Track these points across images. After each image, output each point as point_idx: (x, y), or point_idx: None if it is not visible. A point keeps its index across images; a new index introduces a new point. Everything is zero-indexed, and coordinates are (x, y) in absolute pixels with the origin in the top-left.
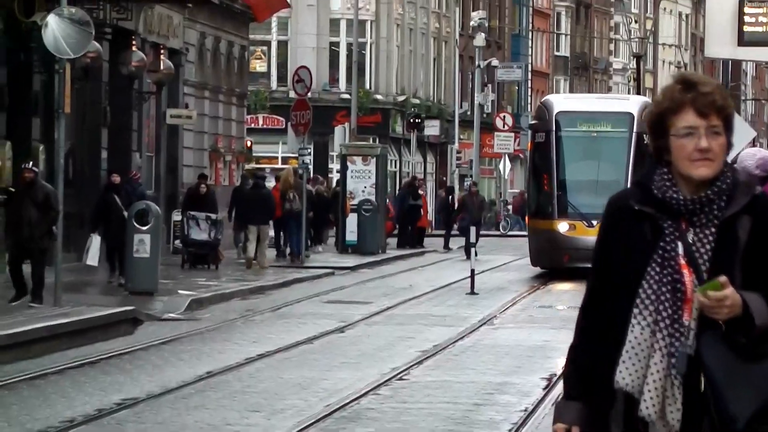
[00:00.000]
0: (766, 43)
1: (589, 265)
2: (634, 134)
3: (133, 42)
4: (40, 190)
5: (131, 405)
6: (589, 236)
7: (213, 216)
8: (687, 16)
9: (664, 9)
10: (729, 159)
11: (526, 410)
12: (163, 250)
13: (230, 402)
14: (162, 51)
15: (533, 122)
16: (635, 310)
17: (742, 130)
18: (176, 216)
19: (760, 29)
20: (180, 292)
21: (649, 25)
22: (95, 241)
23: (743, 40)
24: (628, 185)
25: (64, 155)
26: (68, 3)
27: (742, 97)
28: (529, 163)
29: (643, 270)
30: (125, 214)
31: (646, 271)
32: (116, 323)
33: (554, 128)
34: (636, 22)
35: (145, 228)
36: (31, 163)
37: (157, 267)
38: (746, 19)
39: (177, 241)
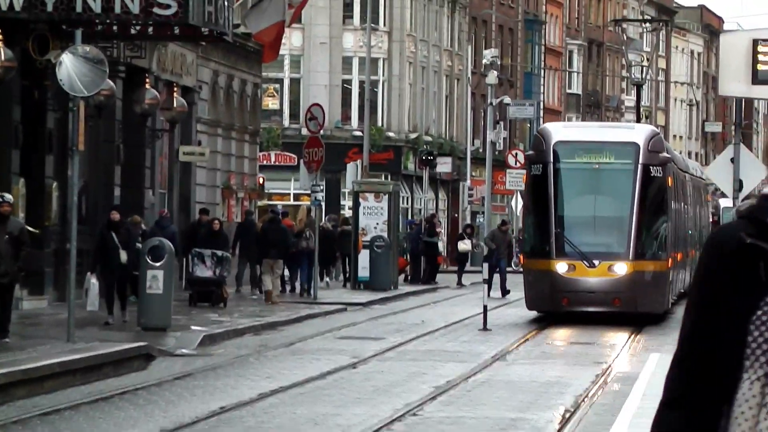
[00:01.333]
0: None
1: (590, 309)
2: (639, 166)
3: (147, 80)
4: (15, 224)
5: None
6: (590, 277)
7: (219, 253)
8: (699, 54)
9: (676, 47)
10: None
11: None
12: (176, 287)
13: None
14: (175, 89)
15: (530, 153)
16: (746, 363)
17: (755, 168)
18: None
19: None
20: (193, 327)
21: (661, 63)
22: (93, 285)
23: (757, 78)
24: (633, 222)
25: (78, 192)
26: (82, 41)
27: (754, 135)
28: (525, 198)
29: (752, 314)
30: (122, 253)
31: (757, 316)
32: (129, 359)
33: (552, 159)
34: (648, 60)
35: (158, 264)
36: (6, 195)
37: (170, 303)
38: (760, 57)
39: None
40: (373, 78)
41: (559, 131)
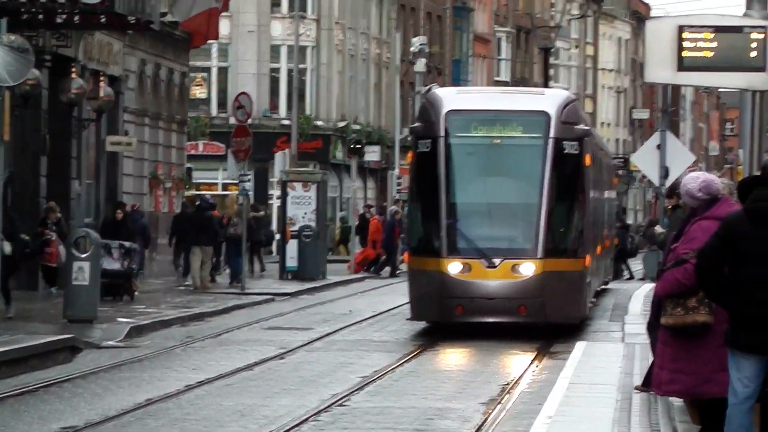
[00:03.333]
0: (705, 68)
1: (490, 320)
2: (551, 141)
3: (73, 69)
4: None
5: None
6: (489, 280)
7: (127, 244)
8: (626, 41)
9: (604, 34)
10: (669, 181)
11: None
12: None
13: (170, 430)
14: (102, 78)
15: (415, 125)
16: None
17: (682, 155)
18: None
19: (698, 54)
20: (119, 319)
21: (589, 50)
22: None
23: (683, 65)
24: (543, 211)
25: (3, 182)
26: (8, 30)
27: (681, 122)
28: (410, 182)
29: None
30: (5, 244)
31: None
32: (55, 351)
33: (443, 133)
34: (576, 47)
35: (84, 255)
36: None
37: (97, 294)
38: (685, 44)
39: None
40: (302, 66)
41: (451, 98)
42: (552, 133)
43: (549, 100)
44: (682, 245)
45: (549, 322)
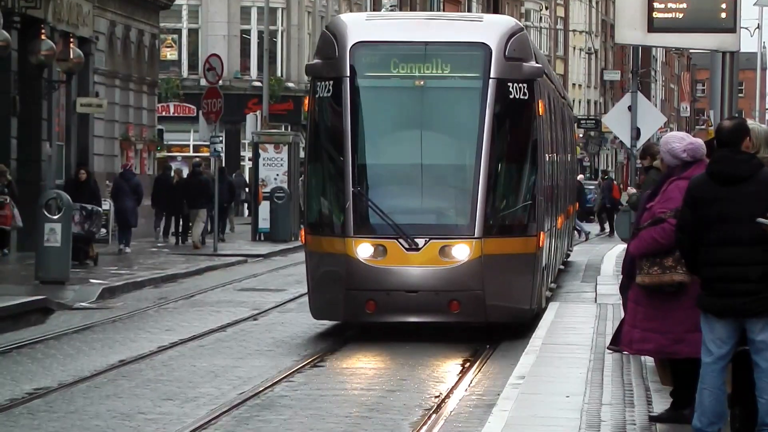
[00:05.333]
0: (675, 29)
1: (411, 319)
2: (491, 81)
3: (42, 31)
4: None
5: (43, 395)
6: (410, 266)
7: (89, 207)
8: (597, 2)
9: None
10: (640, 142)
11: (439, 395)
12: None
13: (143, 391)
14: (72, 39)
15: (313, 62)
16: None
17: (653, 116)
18: None
19: (669, 15)
20: (92, 281)
21: (560, 11)
22: None
23: (653, 26)
24: (482, 175)
25: None
26: None
27: (652, 83)
28: (306, 137)
29: None
30: None
31: None
32: (27, 312)
33: (348, 73)
34: (546, 8)
35: (55, 217)
36: None
37: (69, 256)
38: (656, 5)
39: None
40: (272, 28)
41: (359, 26)
42: (493, 72)
43: (489, 28)
44: (659, 204)
45: (490, 322)
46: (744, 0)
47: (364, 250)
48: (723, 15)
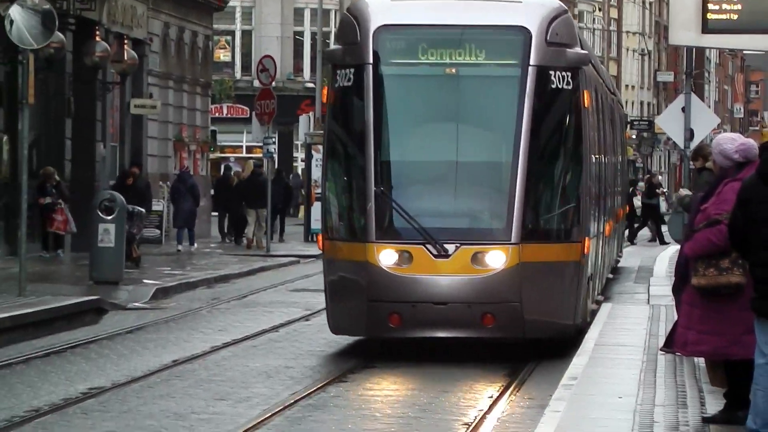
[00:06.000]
0: (729, 30)
1: (440, 334)
2: (531, 69)
3: (97, 32)
4: None
5: (97, 394)
6: (439, 275)
7: (130, 208)
8: (651, 3)
9: None
10: (694, 144)
11: (491, 396)
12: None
13: (196, 391)
14: (126, 41)
15: (333, 49)
16: None
17: (706, 117)
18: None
19: (723, 17)
20: (145, 281)
21: (613, 13)
22: None
23: (707, 27)
24: (520, 174)
25: (28, 146)
26: None
27: (705, 84)
28: (325, 131)
29: None
30: None
31: None
32: (81, 313)
33: (371, 60)
34: (600, 10)
35: (109, 218)
36: None
37: (122, 256)
38: (710, 6)
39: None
40: (325, 29)
41: (384, 8)
42: (533, 59)
43: (528, 10)
44: (713, 206)
45: (528, 338)
46: None
47: (387, 257)
48: None
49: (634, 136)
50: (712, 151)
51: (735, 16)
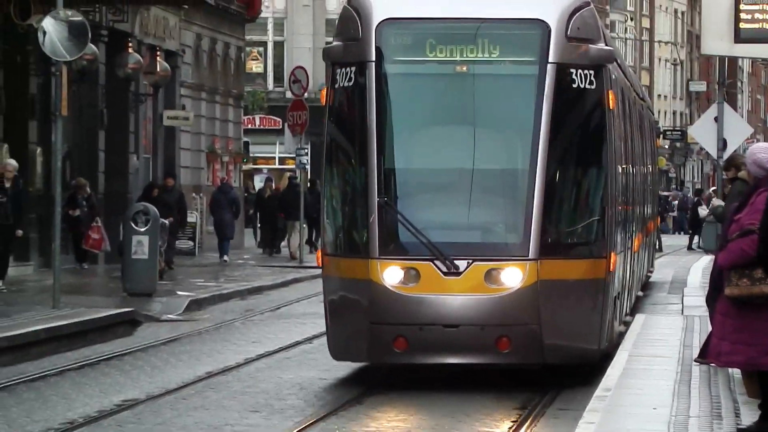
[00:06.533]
0: (762, 39)
1: (450, 360)
2: (550, 67)
3: (129, 44)
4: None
5: (131, 406)
6: (450, 295)
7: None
8: (683, 13)
9: (660, 6)
10: (727, 153)
11: (524, 407)
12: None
13: (230, 402)
14: (158, 53)
15: (333, 45)
16: None
17: (739, 127)
18: None
19: (756, 26)
20: (179, 293)
21: (645, 22)
22: None
23: (740, 36)
24: (538, 183)
25: (61, 158)
26: (64, 5)
27: (738, 94)
28: (325, 136)
29: None
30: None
31: None
32: (115, 324)
33: (374, 57)
34: (632, 19)
35: (143, 230)
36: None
37: (156, 268)
38: (742, 16)
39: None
40: None
41: (387, 1)
42: (552, 56)
43: (547, 2)
44: (747, 216)
45: (547, 364)
46: None
47: (391, 274)
48: None
49: (666, 146)
50: (745, 161)
51: (767, 26)
